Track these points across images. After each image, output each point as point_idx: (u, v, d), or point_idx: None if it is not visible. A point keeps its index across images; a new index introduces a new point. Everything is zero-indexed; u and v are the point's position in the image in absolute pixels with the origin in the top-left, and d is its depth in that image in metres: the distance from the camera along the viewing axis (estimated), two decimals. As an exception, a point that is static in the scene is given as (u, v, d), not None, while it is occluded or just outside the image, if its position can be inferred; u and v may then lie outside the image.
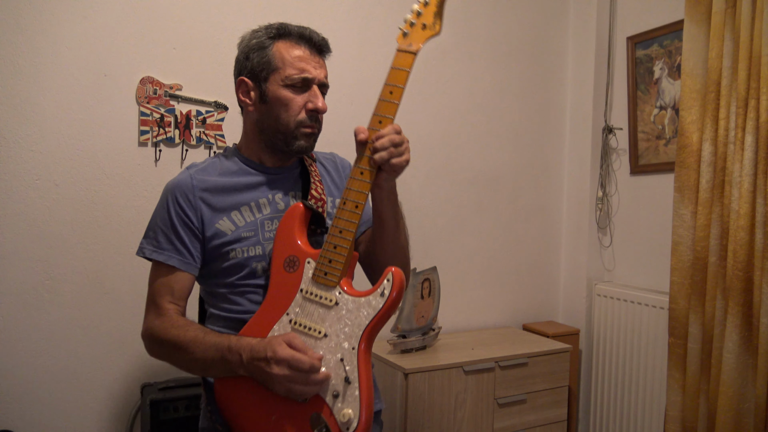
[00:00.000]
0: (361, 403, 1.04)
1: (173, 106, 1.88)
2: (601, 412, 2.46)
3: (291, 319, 1.11)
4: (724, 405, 1.78)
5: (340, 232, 1.11)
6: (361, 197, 1.11)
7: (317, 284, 1.11)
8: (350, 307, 1.08)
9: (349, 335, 1.07)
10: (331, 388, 1.06)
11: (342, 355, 1.06)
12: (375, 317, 1.06)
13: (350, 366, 1.05)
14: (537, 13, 2.59)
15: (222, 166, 1.26)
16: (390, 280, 1.07)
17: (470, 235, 2.48)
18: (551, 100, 2.65)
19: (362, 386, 1.05)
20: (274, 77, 1.21)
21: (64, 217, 1.76)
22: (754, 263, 1.76)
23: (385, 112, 1.13)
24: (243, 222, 1.21)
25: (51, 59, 1.72)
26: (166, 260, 1.19)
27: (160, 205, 1.23)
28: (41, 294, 1.74)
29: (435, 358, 2.03)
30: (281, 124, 1.21)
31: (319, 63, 1.23)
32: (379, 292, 1.07)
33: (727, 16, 1.85)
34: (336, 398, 1.05)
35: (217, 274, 1.22)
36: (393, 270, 1.08)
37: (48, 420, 1.75)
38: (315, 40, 1.23)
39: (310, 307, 1.11)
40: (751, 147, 1.76)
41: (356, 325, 1.07)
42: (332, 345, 1.07)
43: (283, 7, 2.04)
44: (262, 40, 1.23)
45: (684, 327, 1.96)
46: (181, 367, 1.18)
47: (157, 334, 1.16)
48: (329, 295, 1.10)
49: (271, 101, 1.21)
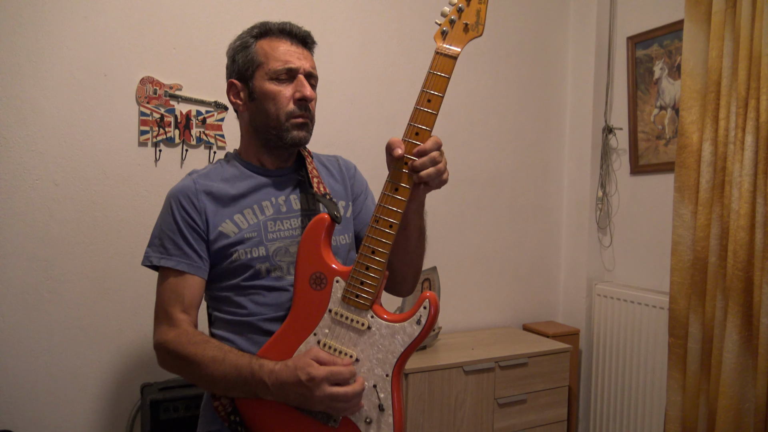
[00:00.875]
0: (395, 430, 1.03)
1: (173, 106, 1.88)
2: (601, 412, 2.46)
3: (319, 340, 1.08)
4: (724, 405, 1.78)
5: (373, 252, 1.06)
6: (396, 216, 1.05)
7: (347, 306, 1.07)
8: (384, 333, 1.05)
9: (382, 362, 1.04)
10: (364, 415, 1.04)
11: (375, 382, 1.04)
12: (410, 345, 1.04)
13: (384, 393, 1.04)
14: (537, 13, 2.59)
15: (223, 171, 1.26)
16: (427, 308, 1.04)
17: (470, 235, 2.48)
18: (551, 100, 2.65)
19: (395, 414, 1.03)
20: (259, 73, 1.21)
21: (64, 217, 1.76)
22: (754, 263, 1.76)
23: (422, 122, 1.04)
24: (246, 224, 1.20)
25: (51, 59, 1.72)
26: (176, 265, 1.17)
27: (164, 211, 1.22)
28: (41, 294, 1.74)
29: (435, 358, 2.03)
30: (271, 118, 1.21)
31: (303, 54, 1.23)
32: (415, 319, 1.04)
33: (727, 16, 1.85)
34: (369, 425, 1.03)
35: (221, 277, 1.21)
36: (429, 296, 1.04)
37: (48, 420, 1.75)
38: (296, 32, 1.23)
39: (339, 329, 1.07)
40: (751, 147, 1.76)
41: (390, 351, 1.04)
42: (364, 371, 1.05)
43: (283, 7, 2.04)
44: (246, 39, 1.24)
45: (684, 327, 1.96)
46: (196, 383, 1.16)
47: (172, 348, 1.13)
48: (361, 319, 1.06)
49: (259, 97, 1.21)
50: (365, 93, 2.23)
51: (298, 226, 1.23)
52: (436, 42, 1.05)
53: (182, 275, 1.17)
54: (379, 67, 2.24)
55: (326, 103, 2.13)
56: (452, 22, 1.04)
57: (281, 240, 1.21)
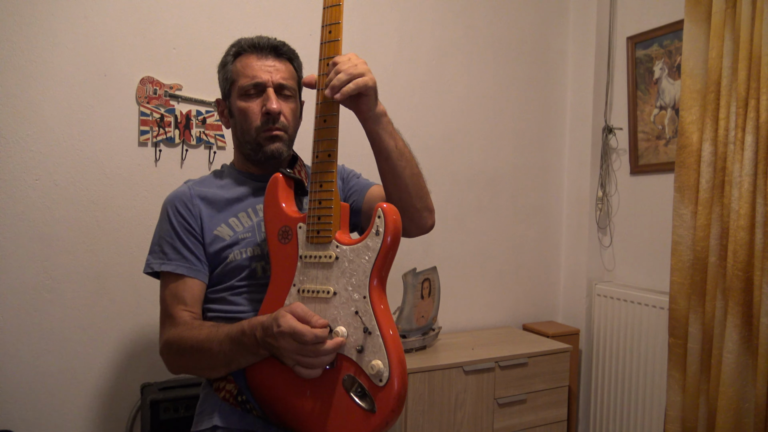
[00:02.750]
0: (388, 349, 0.99)
1: (173, 106, 1.88)
2: (601, 412, 2.46)
3: (298, 288, 1.09)
4: (724, 405, 1.78)
5: (321, 185, 1.09)
6: (332, 144, 1.09)
7: (313, 245, 1.08)
8: (350, 257, 1.05)
9: (357, 285, 1.03)
10: (353, 344, 1.02)
11: (356, 308, 1.03)
12: (377, 258, 1.02)
13: (366, 315, 1.01)
14: (537, 13, 2.59)
15: (218, 180, 1.30)
16: (381, 216, 1.03)
17: (470, 235, 2.48)
18: (551, 100, 2.65)
19: (384, 333, 1.00)
20: (234, 91, 1.25)
21: (64, 217, 1.76)
22: (754, 263, 1.76)
23: (330, 53, 1.12)
24: (241, 227, 1.22)
25: (51, 59, 1.72)
26: (175, 269, 1.18)
27: (162, 219, 1.24)
28: (41, 294, 1.74)
29: (435, 358, 2.03)
30: (246, 134, 1.24)
31: (273, 66, 1.24)
32: (374, 231, 1.03)
33: (727, 16, 1.85)
34: (361, 353, 1.01)
35: (218, 280, 1.22)
36: (382, 206, 1.03)
37: (48, 420, 1.75)
38: (265, 45, 1.25)
39: (312, 271, 1.08)
40: (751, 147, 1.76)
41: (361, 272, 1.03)
42: (343, 300, 1.04)
43: (283, 8, 2.04)
44: (225, 59, 1.28)
45: (684, 327, 1.95)
46: (205, 372, 1.15)
47: (174, 343, 1.13)
48: (327, 252, 1.07)
49: (235, 115, 1.26)
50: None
51: None
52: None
53: (182, 278, 1.18)
54: (378, 69, 2.24)
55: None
56: None
57: None
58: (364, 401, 1.00)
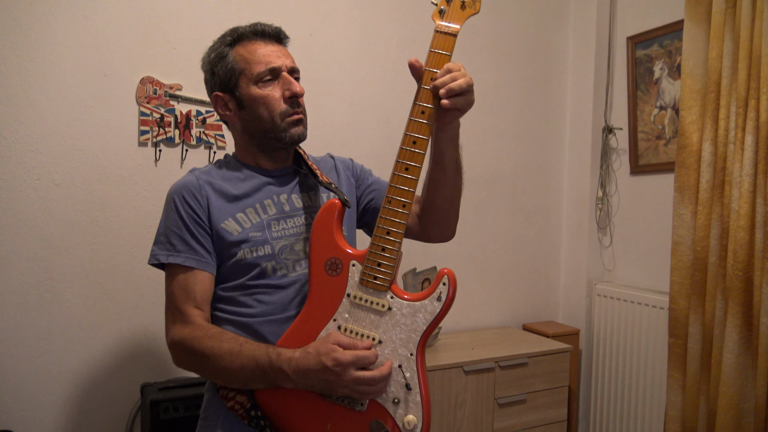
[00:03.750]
0: (423, 408, 1.03)
1: (173, 106, 1.88)
2: (601, 412, 2.46)
3: (339, 325, 1.07)
4: (724, 405, 1.78)
5: (388, 233, 1.06)
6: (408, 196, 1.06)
7: (366, 289, 1.07)
8: (405, 312, 1.05)
9: (405, 341, 1.04)
10: (391, 395, 1.04)
11: (400, 362, 1.04)
12: (432, 322, 1.04)
13: (410, 373, 1.03)
14: (537, 13, 2.59)
15: (223, 171, 1.25)
16: (446, 284, 1.05)
17: (470, 235, 2.48)
18: (551, 100, 2.65)
19: (423, 392, 1.03)
20: (243, 80, 1.20)
21: (64, 217, 1.76)
22: (754, 263, 1.76)
23: (426, 101, 1.06)
24: (249, 224, 1.19)
25: (51, 59, 1.72)
26: (184, 261, 1.15)
27: (168, 208, 1.20)
28: (41, 294, 1.74)
29: (435, 358, 2.03)
30: (266, 122, 1.20)
31: (281, 51, 1.22)
32: (436, 296, 1.05)
33: (727, 16, 1.85)
34: (397, 405, 1.03)
35: (227, 277, 1.20)
36: (447, 273, 1.06)
37: (48, 420, 1.75)
38: (269, 31, 1.23)
39: (359, 313, 1.07)
40: (751, 147, 1.76)
41: (413, 330, 1.04)
42: (387, 352, 1.05)
43: (282, 6, 2.04)
44: (221, 50, 1.24)
45: (684, 327, 1.95)
46: (214, 379, 1.14)
47: (188, 344, 1.11)
48: (381, 300, 1.06)
49: (248, 104, 1.21)
50: (365, 93, 2.22)
51: (302, 223, 1.23)
52: (435, 21, 1.07)
53: (191, 271, 1.15)
54: (379, 67, 2.24)
55: (326, 103, 2.13)
56: (449, 0, 1.07)
57: (286, 238, 1.20)
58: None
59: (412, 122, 1.06)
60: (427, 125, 1.06)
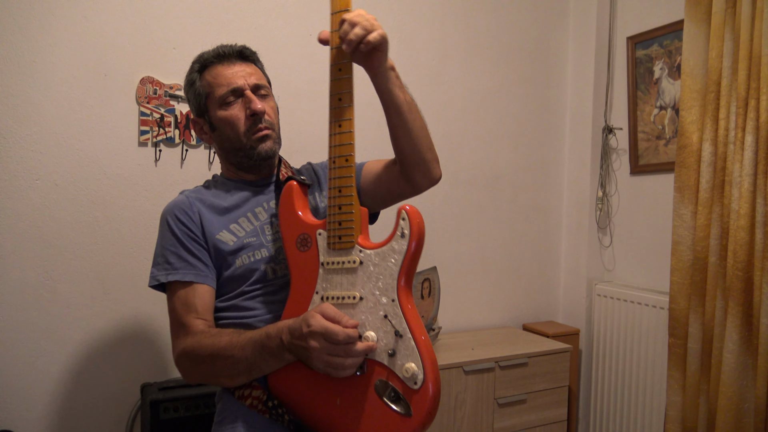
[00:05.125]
0: (421, 352, 0.98)
1: (173, 106, 1.88)
2: (601, 412, 2.46)
3: (321, 296, 1.08)
4: (724, 405, 1.78)
5: (340, 191, 1.07)
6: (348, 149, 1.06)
7: (335, 251, 1.07)
8: (376, 261, 1.04)
9: (384, 289, 1.02)
10: (384, 348, 1.01)
11: (384, 311, 1.02)
12: (404, 260, 1.02)
13: (396, 318, 1.01)
14: (537, 13, 2.59)
15: (212, 190, 1.29)
16: (405, 218, 1.03)
17: (470, 235, 2.48)
18: (551, 100, 2.65)
19: (416, 334, 0.99)
20: (210, 104, 1.25)
21: (64, 217, 1.76)
22: (754, 263, 1.76)
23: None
24: (243, 232, 1.22)
25: (51, 59, 1.72)
26: (183, 277, 1.16)
27: (162, 229, 1.22)
28: (41, 294, 1.74)
29: (435, 358, 2.03)
30: (234, 142, 1.24)
31: (244, 70, 1.25)
32: (399, 234, 1.03)
33: (727, 16, 1.85)
34: (392, 356, 0.99)
35: (226, 286, 1.21)
36: (406, 208, 1.03)
37: (48, 420, 1.75)
38: (229, 51, 1.26)
39: (336, 277, 1.07)
40: (751, 147, 1.76)
41: (388, 275, 1.02)
42: (371, 305, 1.03)
43: (281, 7, 2.04)
44: (192, 77, 1.28)
45: (684, 327, 1.96)
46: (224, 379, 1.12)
47: (191, 350, 1.11)
48: (351, 258, 1.05)
49: (218, 126, 1.25)
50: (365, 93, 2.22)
51: None
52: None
53: (191, 286, 1.16)
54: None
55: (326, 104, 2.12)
56: None
57: (280, 240, 1.21)
58: (398, 405, 0.99)
59: (333, 82, 1.09)
60: (346, 79, 1.08)
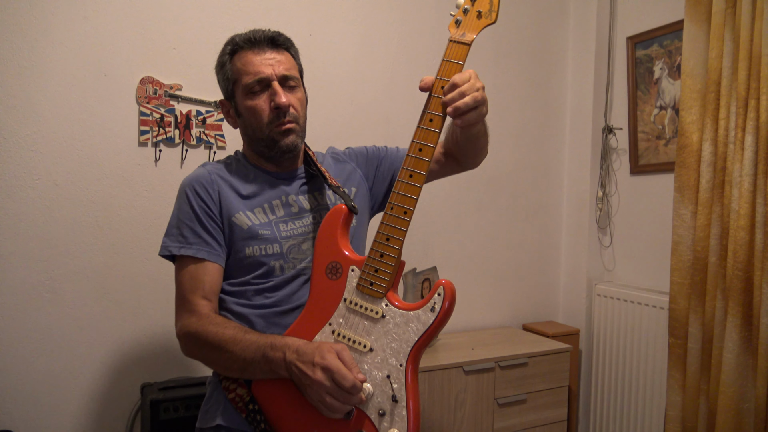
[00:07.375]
0: (409, 423, 0.99)
1: (173, 106, 1.88)
2: (601, 412, 2.46)
3: (334, 329, 1.07)
4: (724, 405, 1.78)
5: (387, 239, 1.05)
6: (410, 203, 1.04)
7: (362, 294, 1.06)
8: (398, 321, 1.03)
9: (396, 351, 1.02)
10: (377, 406, 1.01)
11: (389, 372, 1.02)
12: (425, 333, 1.01)
13: (398, 384, 1.01)
14: (537, 13, 2.59)
15: (234, 168, 1.28)
16: (441, 294, 1.02)
17: (470, 235, 2.48)
18: (551, 100, 2.64)
19: (410, 406, 1.00)
20: (237, 91, 1.23)
21: (64, 217, 1.76)
22: (754, 263, 1.76)
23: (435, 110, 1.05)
24: (258, 221, 1.21)
25: (51, 59, 1.72)
26: (196, 253, 1.16)
27: (180, 201, 1.22)
28: (41, 294, 1.74)
29: (435, 358, 2.03)
30: (257, 132, 1.23)
31: (273, 59, 1.22)
32: (429, 306, 1.02)
33: (727, 16, 1.85)
34: (382, 417, 1.00)
35: (233, 271, 1.21)
36: (444, 283, 1.02)
37: (48, 420, 1.75)
38: (261, 38, 1.22)
39: (354, 318, 1.06)
40: (751, 147, 1.76)
41: (404, 340, 1.02)
42: (378, 360, 1.03)
43: (282, 7, 2.04)
44: (223, 59, 1.25)
45: (684, 327, 1.95)
46: (218, 368, 1.15)
47: (194, 332, 1.12)
48: (375, 307, 1.04)
49: (243, 114, 1.24)
50: (365, 93, 2.22)
51: (309, 223, 1.24)
52: (450, 31, 1.06)
53: (202, 262, 1.17)
54: (379, 67, 2.24)
55: (326, 103, 2.13)
56: (466, 11, 1.06)
57: (294, 237, 1.22)
58: None
59: (420, 130, 1.06)
60: (434, 133, 1.05)
